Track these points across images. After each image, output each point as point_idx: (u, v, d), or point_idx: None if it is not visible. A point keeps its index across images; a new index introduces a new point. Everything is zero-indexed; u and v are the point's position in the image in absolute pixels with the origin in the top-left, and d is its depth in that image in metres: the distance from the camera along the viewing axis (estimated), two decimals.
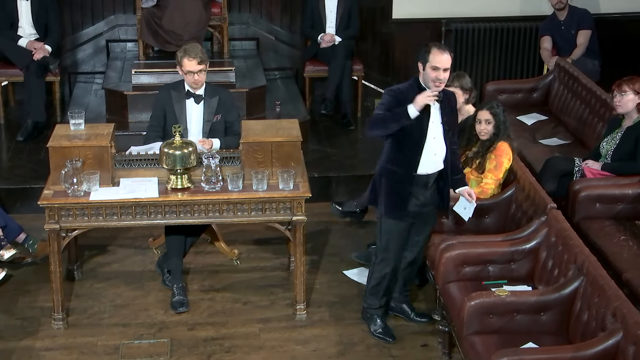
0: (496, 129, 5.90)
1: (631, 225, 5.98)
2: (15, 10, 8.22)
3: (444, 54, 5.06)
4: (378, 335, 5.61)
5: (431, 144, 5.25)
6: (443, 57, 5.05)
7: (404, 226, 5.41)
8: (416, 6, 9.16)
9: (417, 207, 5.37)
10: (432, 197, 5.41)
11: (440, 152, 5.29)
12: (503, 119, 5.91)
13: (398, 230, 5.41)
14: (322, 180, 7.41)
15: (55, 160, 5.57)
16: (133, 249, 6.68)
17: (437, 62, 5.06)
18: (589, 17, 8.68)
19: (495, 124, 5.89)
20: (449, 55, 5.08)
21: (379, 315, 5.65)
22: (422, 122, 5.18)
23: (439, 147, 5.28)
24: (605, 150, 6.39)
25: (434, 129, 5.25)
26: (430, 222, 5.54)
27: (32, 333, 5.66)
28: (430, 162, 5.29)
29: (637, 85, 6.25)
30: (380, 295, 5.60)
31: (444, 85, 5.16)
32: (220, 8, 8.50)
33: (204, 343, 5.59)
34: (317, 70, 8.71)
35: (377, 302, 5.63)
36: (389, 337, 5.60)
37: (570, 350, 4.38)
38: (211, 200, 5.53)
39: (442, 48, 5.09)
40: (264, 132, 5.73)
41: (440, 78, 5.08)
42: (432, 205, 5.45)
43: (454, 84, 6.18)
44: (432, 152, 5.27)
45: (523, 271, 5.31)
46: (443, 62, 5.06)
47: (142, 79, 8.09)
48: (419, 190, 5.33)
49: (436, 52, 5.07)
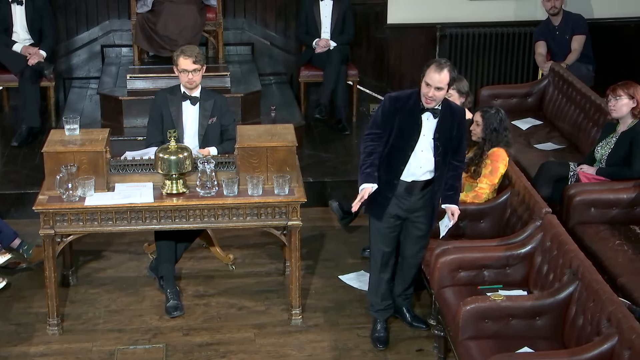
0: (484, 133, 5.86)
1: (626, 229, 5.99)
2: (10, 16, 8.22)
3: (438, 74, 5.04)
4: (372, 338, 5.62)
5: (418, 156, 5.23)
6: (436, 76, 5.04)
7: (386, 227, 5.41)
8: (411, 11, 9.18)
9: (403, 211, 5.36)
10: (421, 204, 5.35)
11: (426, 165, 5.24)
12: (495, 125, 5.85)
13: (379, 229, 5.43)
14: (317, 185, 7.42)
15: (50, 165, 5.56)
16: (128, 255, 6.67)
17: (429, 79, 5.07)
18: (583, 22, 8.70)
19: (484, 127, 5.86)
20: (445, 76, 5.04)
21: (378, 318, 5.64)
22: (411, 135, 5.18)
23: (425, 161, 5.23)
24: (600, 155, 6.40)
25: (423, 143, 5.22)
26: (420, 229, 5.44)
27: (27, 339, 5.65)
28: (412, 174, 5.27)
29: (631, 90, 6.27)
30: (377, 295, 5.59)
31: (432, 101, 5.10)
32: (215, 13, 8.50)
33: (199, 348, 5.58)
34: (312, 75, 8.72)
35: (376, 302, 5.61)
36: (379, 344, 5.58)
37: (565, 354, 4.38)
38: (206, 205, 5.52)
39: (441, 67, 5.05)
40: (259, 137, 5.74)
41: (429, 95, 5.08)
42: (421, 212, 5.38)
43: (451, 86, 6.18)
44: (418, 165, 5.24)
45: (518, 276, 5.31)
46: (434, 80, 5.05)
47: (137, 84, 8.09)
48: (402, 195, 5.31)
49: (432, 69, 5.07)
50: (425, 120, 5.18)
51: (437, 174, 5.26)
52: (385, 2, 9.17)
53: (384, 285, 5.58)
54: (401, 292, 5.74)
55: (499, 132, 5.84)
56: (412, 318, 5.78)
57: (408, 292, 5.77)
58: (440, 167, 5.26)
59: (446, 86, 5.10)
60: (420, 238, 5.49)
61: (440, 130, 5.18)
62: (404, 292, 5.75)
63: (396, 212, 5.37)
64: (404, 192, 5.31)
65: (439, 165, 5.25)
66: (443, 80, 5.05)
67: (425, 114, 5.18)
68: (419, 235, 5.46)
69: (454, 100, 6.20)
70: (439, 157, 5.22)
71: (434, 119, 5.16)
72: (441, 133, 5.19)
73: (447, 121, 5.19)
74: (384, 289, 5.60)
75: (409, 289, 5.76)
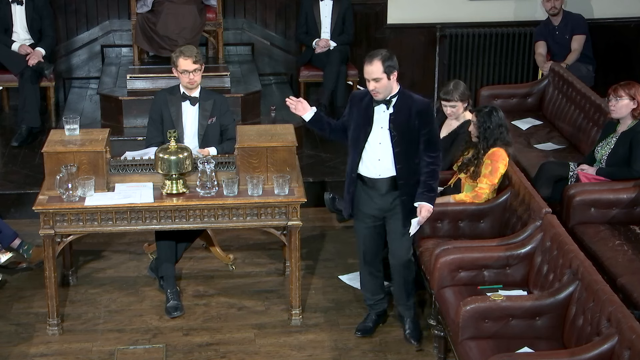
0: (478, 132, 5.84)
1: (626, 230, 5.99)
2: (10, 16, 8.22)
3: (369, 65, 5.15)
4: (357, 326, 5.72)
5: (375, 148, 5.27)
6: (367, 67, 5.17)
7: (364, 227, 5.46)
8: (411, 12, 9.18)
9: (376, 210, 5.37)
10: (396, 204, 5.31)
11: (385, 157, 5.25)
12: (489, 124, 5.80)
13: (358, 229, 5.52)
14: (317, 186, 7.42)
15: (50, 165, 5.56)
16: (128, 255, 6.67)
17: (364, 72, 5.21)
18: (583, 22, 8.70)
19: (478, 126, 5.84)
20: (376, 66, 5.13)
21: (370, 311, 5.72)
22: (364, 126, 5.26)
23: (383, 152, 5.25)
24: (600, 155, 6.40)
25: (379, 135, 5.25)
26: (398, 227, 5.36)
27: (27, 339, 5.65)
28: (373, 167, 5.30)
29: (632, 91, 6.26)
30: (367, 290, 5.66)
31: (377, 93, 5.19)
32: (215, 13, 8.50)
33: (199, 348, 5.58)
34: (312, 75, 8.72)
35: (367, 297, 5.70)
36: (359, 331, 5.67)
37: (565, 355, 4.38)
38: (206, 205, 5.52)
39: (370, 58, 5.17)
40: (259, 137, 5.74)
41: (370, 88, 5.21)
42: (398, 211, 5.33)
43: (453, 97, 6.18)
44: (375, 157, 5.28)
45: (518, 276, 5.31)
46: (367, 72, 5.18)
47: (137, 84, 8.09)
48: (372, 194, 5.34)
49: (365, 62, 5.20)
50: (380, 113, 5.24)
51: (400, 166, 5.23)
52: (385, 2, 9.18)
53: (371, 280, 5.62)
54: (400, 301, 5.63)
55: (493, 130, 5.78)
56: (408, 331, 5.62)
57: (409, 302, 5.61)
58: (402, 160, 5.23)
59: (383, 75, 5.13)
60: (400, 236, 5.40)
61: (395, 121, 5.21)
62: (404, 303, 5.61)
63: (371, 212, 5.39)
64: (371, 189, 5.33)
65: (401, 157, 5.22)
66: (375, 70, 5.12)
67: (379, 106, 5.24)
68: (399, 232, 5.39)
69: (459, 110, 6.23)
70: (399, 149, 5.21)
71: (387, 110, 5.23)
72: (396, 123, 5.21)
73: (403, 112, 5.21)
74: (372, 285, 5.64)
75: (409, 299, 5.60)
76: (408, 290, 5.58)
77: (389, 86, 5.19)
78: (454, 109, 6.25)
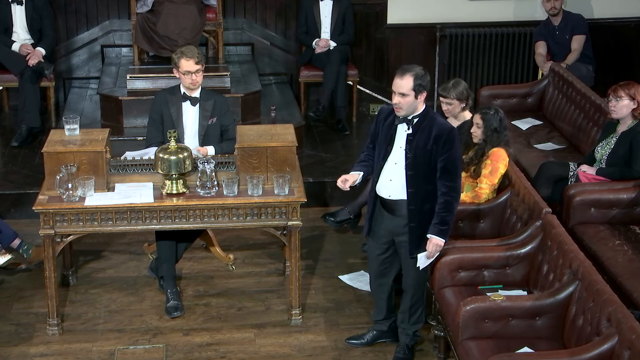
0: (485, 134, 5.85)
1: (626, 230, 5.99)
2: (10, 16, 8.22)
3: (400, 78, 4.93)
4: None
5: (390, 168, 5.09)
6: (397, 80, 4.95)
7: (374, 247, 5.32)
8: (411, 12, 9.18)
9: (385, 231, 5.21)
10: (406, 231, 5.09)
11: (397, 179, 5.06)
12: (496, 125, 5.81)
13: (369, 248, 5.41)
14: (317, 186, 7.42)
15: (50, 165, 5.56)
16: (128, 255, 6.67)
17: (393, 85, 4.99)
18: (583, 22, 8.71)
19: (484, 129, 5.85)
20: (407, 81, 4.91)
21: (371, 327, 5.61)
22: (385, 145, 5.09)
23: (396, 173, 5.06)
24: (600, 155, 6.40)
25: (397, 154, 5.07)
26: (405, 258, 5.19)
27: (27, 339, 5.65)
28: (384, 187, 5.12)
29: (632, 91, 6.26)
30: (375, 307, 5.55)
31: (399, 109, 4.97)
32: (215, 13, 8.50)
33: (199, 348, 5.58)
34: (312, 75, 8.72)
35: (373, 313, 5.60)
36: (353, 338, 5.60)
37: (565, 355, 4.39)
38: (206, 205, 5.52)
39: (403, 72, 4.94)
40: (259, 137, 5.74)
41: (394, 102, 4.98)
42: (406, 238, 5.12)
43: (450, 95, 6.19)
44: (388, 177, 5.10)
45: (518, 276, 5.31)
46: (396, 85, 4.95)
47: (137, 84, 8.09)
48: (384, 214, 5.18)
49: (396, 75, 4.98)
50: (401, 132, 5.04)
51: (412, 190, 5.01)
52: (385, 2, 9.17)
53: (375, 298, 5.52)
54: (401, 324, 5.42)
55: (499, 132, 5.82)
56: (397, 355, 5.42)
57: (409, 330, 5.41)
58: (415, 184, 5.00)
59: (411, 92, 4.90)
60: (408, 266, 5.22)
61: (412, 142, 4.99)
62: (405, 326, 5.41)
63: (381, 233, 5.24)
64: (383, 209, 5.18)
65: (413, 181, 5.00)
66: (404, 85, 4.91)
67: (401, 125, 5.03)
68: (406, 260, 5.19)
69: (455, 108, 6.22)
70: (412, 172, 5.00)
71: (408, 130, 5.02)
72: (413, 145, 4.99)
73: (422, 133, 4.98)
74: (376, 302, 5.52)
75: (411, 326, 5.40)
76: (413, 319, 5.39)
77: (413, 104, 4.95)
78: (450, 107, 6.25)
